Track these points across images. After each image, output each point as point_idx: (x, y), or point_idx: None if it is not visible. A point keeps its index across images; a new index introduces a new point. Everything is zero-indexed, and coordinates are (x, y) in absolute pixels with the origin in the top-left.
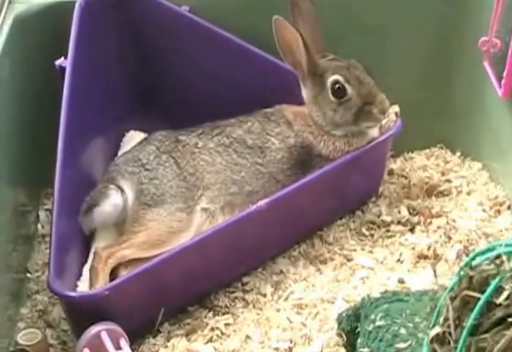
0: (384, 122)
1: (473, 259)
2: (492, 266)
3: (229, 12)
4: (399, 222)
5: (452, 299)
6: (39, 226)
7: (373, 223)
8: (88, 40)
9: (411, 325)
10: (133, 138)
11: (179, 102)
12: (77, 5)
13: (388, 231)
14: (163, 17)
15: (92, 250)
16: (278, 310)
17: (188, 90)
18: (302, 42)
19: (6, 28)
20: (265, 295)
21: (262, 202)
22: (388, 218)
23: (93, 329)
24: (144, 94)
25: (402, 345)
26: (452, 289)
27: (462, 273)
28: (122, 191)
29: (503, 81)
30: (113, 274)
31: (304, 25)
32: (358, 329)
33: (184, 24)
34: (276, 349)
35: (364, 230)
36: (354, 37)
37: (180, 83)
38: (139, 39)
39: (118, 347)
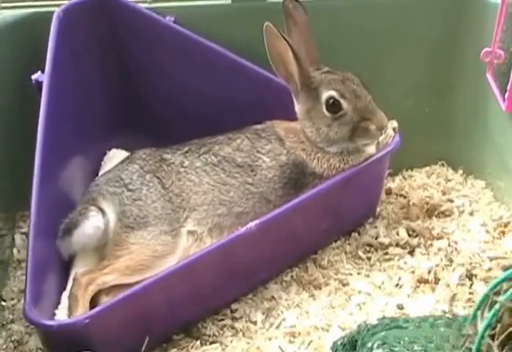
0: (381, 138)
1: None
2: None
3: (217, 22)
4: (397, 244)
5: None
6: (14, 250)
7: (370, 245)
8: (67, 53)
9: None
10: (115, 156)
11: (164, 118)
12: (55, 15)
13: (386, 254)
14: (147, 29)
15: (71, 276)
16: (269, 339)
17: (174, 106)
18: (292, 53)
19: None
20: (255, 323)
21: (252, 224)
22: (386, 241)
23: None
24: (126, 110)
25: None
26: (489, 325)
27: (497, 306)
28: (103, 212)
29: (507, 94)
30: (93, 301)
31: (297, 36)
32: None
33: (169, 36)
34: None
35: (360, 253)
36: (350, 49)
37: (165, 99)
38: (122, 51)
39: None
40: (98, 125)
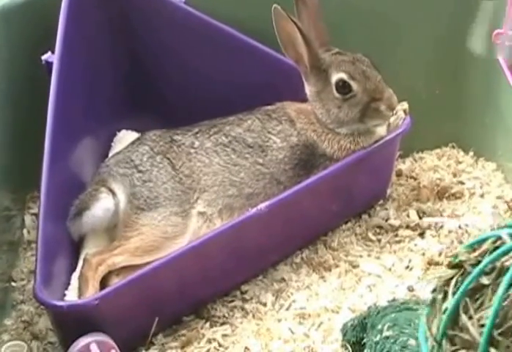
0: (392, 119)
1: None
2: None
3: (228, 3)
4: (408, 226)
5: None
6: (24, 231)
7: (381, 227)
8: (77, 34)
9: None
10: (125, 138)
11: (174, 100)
12: None
13: (396, 236)
14: (157, 10)
15: (82, 257)
16: (279, 320)
17: (184, 87)
18: (301, 34)
19: None
20: (265, 305)
21: (262, 205)
22: (396, 223)
23: (82, 341)
24: (137, 92)
25: None
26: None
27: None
28: (113, 194)
29: None
30: (103, 282)
31: (307, 16)
32: (364, 340)
33: (179, 17)
34: None
35: (370, 235)
36: (361, 30)
37: (175, 80)
38: (131, 32)
39: None
40: (108, 106)
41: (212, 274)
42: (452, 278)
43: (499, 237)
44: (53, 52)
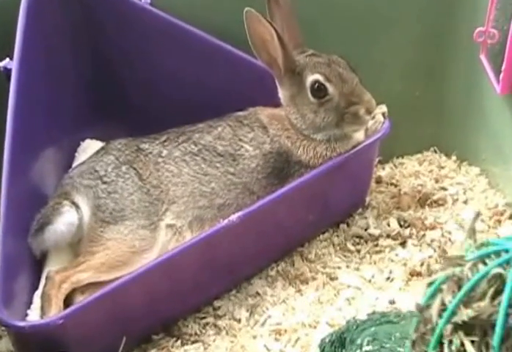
0: (370, 124)
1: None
2: None
3: (197, 4)
4: (388, 236)
5: None
6: None
7: (360, 237)
8: (37, 38)
9: (401, 350)
10: (90, 147)
11: (141, 106)
12: None
13: (376, 246)
14: (122, 12)
15: (44, 274)
16: (254, 337)
17: (151, 93)
18: (277, 37)
19: None
20: (239, 321)
21: (234, 216)
22: (376, 232)
23: None
24: (101, 98)
25: None
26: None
27: None
28: (77, 207)
29: (501, 76)
30: (68, 301)
31: (280, 16)
32: None
33: (145, 19)
34: None
35: (349, 245)
36: (336, 29)
37: (142, 86)
38: (96, 36)
39: None
40: (71, 115)
41: (182, 290)
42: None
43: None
44: (11, 58)
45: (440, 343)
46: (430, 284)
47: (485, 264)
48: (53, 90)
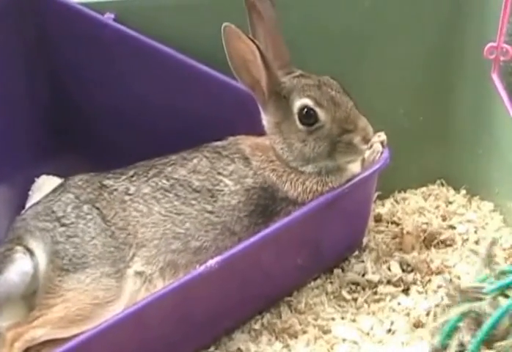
0: (367, 154)
1: None
2: None
3: (169, 19)
4: (389, 282)
5: None
6: None
7: (356, 284)
8: None
9: None
10: (46, 184)
11: (105, 137)
12: None
13: (375, 293)
14: (82, 28)
15: None
16: None
17: (116, 122)
18: (260, 55)
19: None
20: None
21: (213, 261)
22: (375, 278)
23: None
24: (59, 128)
25: None
26: None
27: None
28: (31, 253)
29: None
30: None
31: (264, 32)
32: None
33: (109, 36)
34: None
35: (344, 293)
36: (328, 47)
37: (106, 113)
38: (52, 55)
39: None
40: (25, 147)
41: (153, 347)
42: None
43: None
44: None
45: None
46: (444, 322)
47: (506, 296)
48: (4, 119)
